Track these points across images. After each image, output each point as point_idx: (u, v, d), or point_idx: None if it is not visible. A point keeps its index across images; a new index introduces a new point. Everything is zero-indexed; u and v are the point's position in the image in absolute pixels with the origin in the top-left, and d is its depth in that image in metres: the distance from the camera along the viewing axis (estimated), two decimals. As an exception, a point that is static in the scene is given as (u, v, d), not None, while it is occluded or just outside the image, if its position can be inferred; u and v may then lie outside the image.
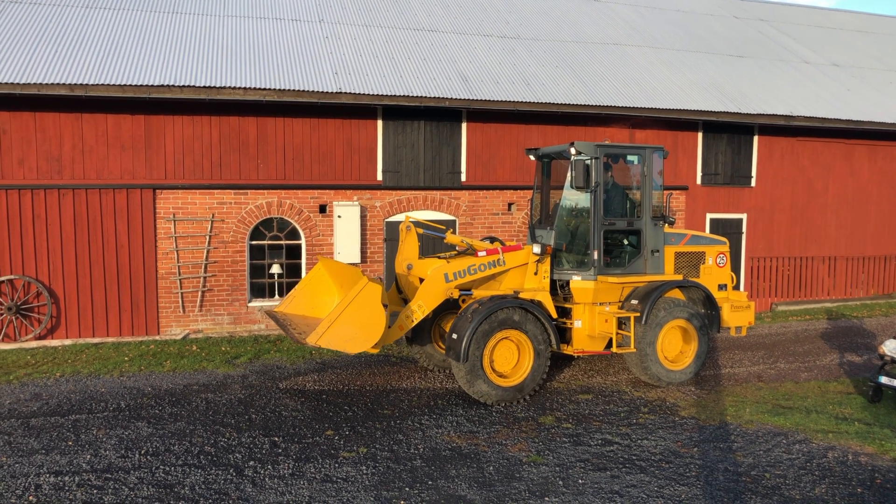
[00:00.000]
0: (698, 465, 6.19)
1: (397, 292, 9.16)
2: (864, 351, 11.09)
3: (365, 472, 6.03)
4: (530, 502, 5.45)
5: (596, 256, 8.58)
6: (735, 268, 14.62)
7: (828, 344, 11.59)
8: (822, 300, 15.36)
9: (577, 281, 8.72)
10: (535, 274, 8.64)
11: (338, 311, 7.23)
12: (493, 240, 9.58)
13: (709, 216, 14.48)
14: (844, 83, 16.50)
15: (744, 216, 14.77)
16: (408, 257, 8.96)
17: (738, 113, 13.62)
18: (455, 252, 9.32)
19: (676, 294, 9.15)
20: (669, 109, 13.13)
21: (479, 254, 8.46)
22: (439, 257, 9.09)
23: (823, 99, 15.27)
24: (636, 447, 6.67)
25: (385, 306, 7.63)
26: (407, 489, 5.68)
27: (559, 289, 9.02)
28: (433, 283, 8.17)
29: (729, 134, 14.49)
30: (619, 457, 6.42)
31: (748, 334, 12.29)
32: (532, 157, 9.87)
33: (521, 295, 8.40)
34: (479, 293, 8.47)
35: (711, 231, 14.36)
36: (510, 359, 8.13)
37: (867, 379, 8.97)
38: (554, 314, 8.51)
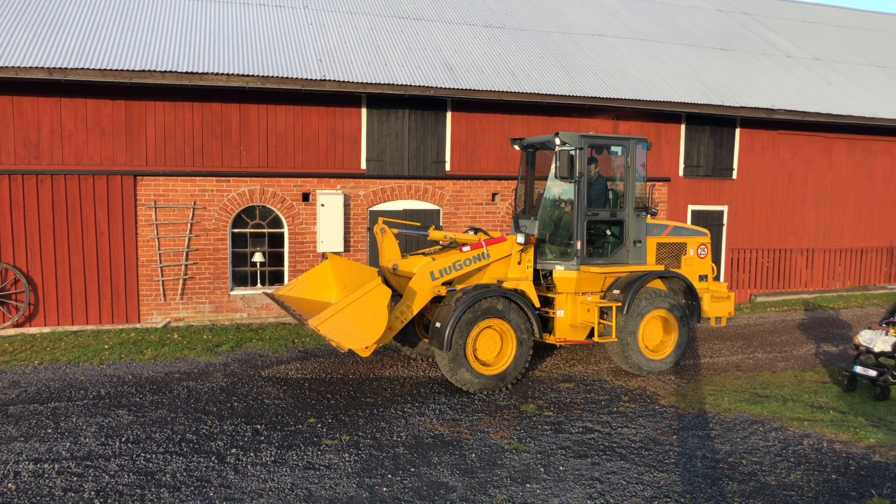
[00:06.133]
0: (677, 453, 6.28)
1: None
2: (840, 341, 11.28)
3: (347, 459, 6.05)
4: (512, 489, 5.50)
5: (579, 246, 8.63)
6: (716, 259, 14.78)
7: (805, 334, 11.77)
8: (800, 292, 15.58)
9: (560, 271, 8.76)
10: (519, 264, 8.67)
11: (345, 303, 7.24)
12: (476, 230, 9.59)
13: (690, 208, 14.62)
14: (825, 77, 16.69)
15: (725, 208, 14.93)
16: (391, 258, 8.94)
17: (720, 105, 13.73)
18: (440, 247, 9.31)
19: (658, 284, 9.23)
20: (653, 101, 13.20)
21: (464, 248, 8.46)
22: (424, 254, 9.08)
23: (804, 93, 15.43)
24: (616, 435, 6.74)
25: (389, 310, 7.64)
26: (389, 476, 5.71)
27: (542, 278, 9.06)
28: (420, 283, 8.15)
29: (711, 126, 14.61)
30: (599, 444, 6.49)
31: (728, 325, 12.44)
32: (517, 147, 9.88)
33: (505, 284, 8.43)
34: (462, 285, 8.48)
35: (693, 223, 14.49)
36: (493, 347, 8.17)
37: (842, 368, 9.13)
38: (537, 303, 8.55)
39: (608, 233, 9.15)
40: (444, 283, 8.34)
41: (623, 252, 8.97)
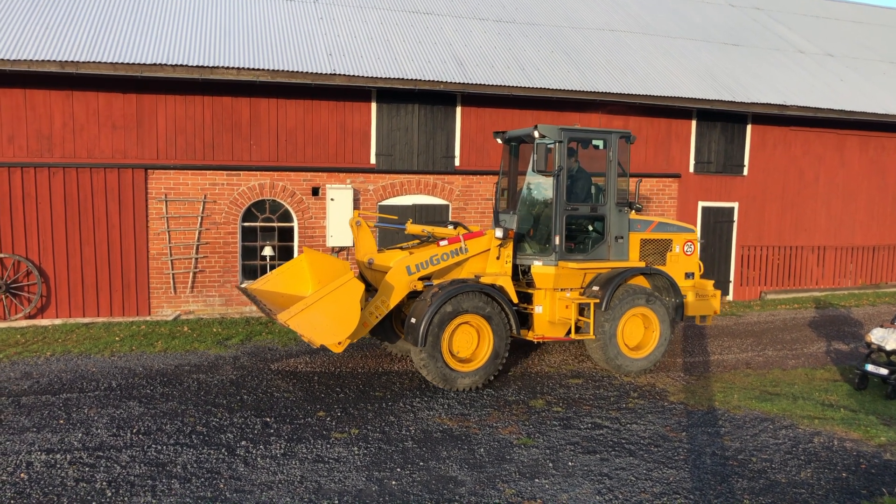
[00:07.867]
0: (686, 449, 6.27)
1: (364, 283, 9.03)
2: (851, 339, 11.21)
3: (356, 452, 6.07)
4: (521, 483, 5.50)
5: (557, 242, 8.47)
6: (726, 256, 14.72)
7: (815, 332, 11.71)
8: (811, 289, 15.49)
9: (538, 266, 8.58)
10: (498, 259, 8.49)
11: (316, 297, 7.06)
12: (455, 225, 9.48)
13: (701, 204, 14.54)
14: (838, 73, 16.54)
15: (735, 205, 14.84)
16: (366, 252, 8.80)
17: (732, 101, 13.64)
18: (417, 241, 9.20)
19: (641, 281, 9.05)
20: (663, 97, 13.12)
21: (441, 243, 8.30)
22: (402, 248, 8.95)
23: (817, 89, 15.30)
24: (625, 431, 6.74)
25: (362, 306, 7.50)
26: (398, 470, 5.73)
27: (522, 274, 8.89)
28: (396, 278, 7.99)
29: (722, 122, 14.52)
30: (608, 440, 6.48)
31: (737, 322, 12.40)
32: (499, 141, 9.71)
33: (483, 279, 8.27)
34: (440, 280, 8.34)
35: (703, 219, 14.43)
36: (470, 343, 8.05)
37: (853, 367, 9.08)
38: (515, 299, 8.36)
39: (590, 228, 8.98)
40: (420, 278, 8.17)
41: (604, 248, 8.79)
